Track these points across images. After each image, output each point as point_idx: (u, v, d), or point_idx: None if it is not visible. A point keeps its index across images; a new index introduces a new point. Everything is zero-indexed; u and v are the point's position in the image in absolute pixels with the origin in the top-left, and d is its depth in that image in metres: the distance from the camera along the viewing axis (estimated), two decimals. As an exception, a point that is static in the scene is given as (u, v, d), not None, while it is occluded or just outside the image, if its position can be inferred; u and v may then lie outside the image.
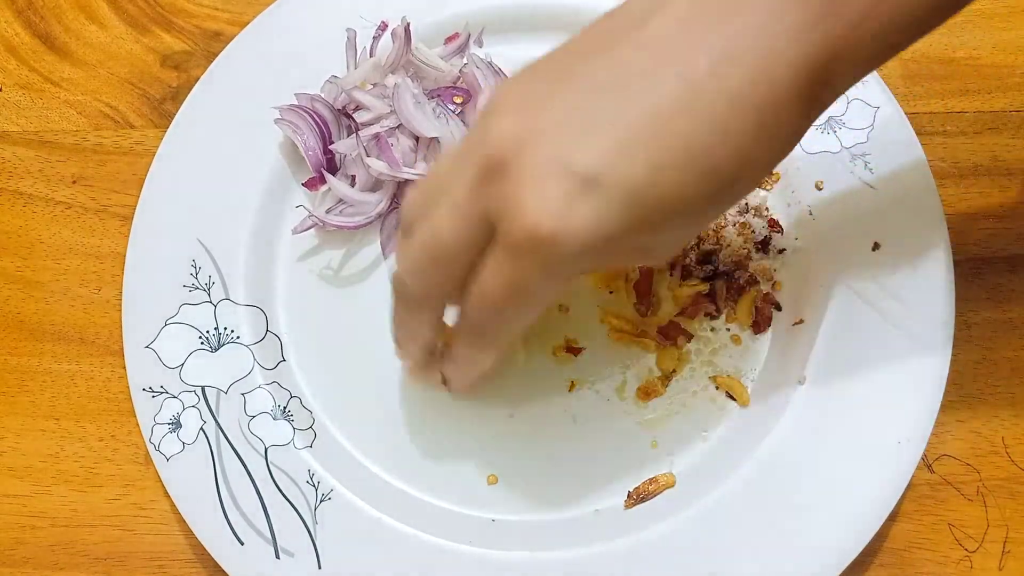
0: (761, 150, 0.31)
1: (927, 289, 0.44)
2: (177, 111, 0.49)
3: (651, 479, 0.44)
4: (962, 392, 0.47)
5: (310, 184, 0.48)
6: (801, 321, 0.46)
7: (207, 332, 0.46)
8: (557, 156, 0.30)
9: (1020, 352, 0.47)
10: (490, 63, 0.50)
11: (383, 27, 0.50)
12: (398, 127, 0.48)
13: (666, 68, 0.30)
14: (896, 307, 0.44)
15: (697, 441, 0.45)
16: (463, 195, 0.32)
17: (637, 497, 0.44)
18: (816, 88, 0.31)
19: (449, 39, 0.51)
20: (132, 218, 0.47)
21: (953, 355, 0.43)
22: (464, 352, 0.38)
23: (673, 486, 0.44)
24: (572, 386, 0.46)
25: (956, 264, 0.44)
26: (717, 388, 0.46)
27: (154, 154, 0.48)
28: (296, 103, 0.48)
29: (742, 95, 0.29)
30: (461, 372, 0.41)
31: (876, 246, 0.45)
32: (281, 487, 0.43)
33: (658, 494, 0.44)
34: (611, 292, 0.48)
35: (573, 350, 0.47)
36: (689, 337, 0.46)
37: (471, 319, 0.35)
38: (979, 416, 0.47)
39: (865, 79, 0.48)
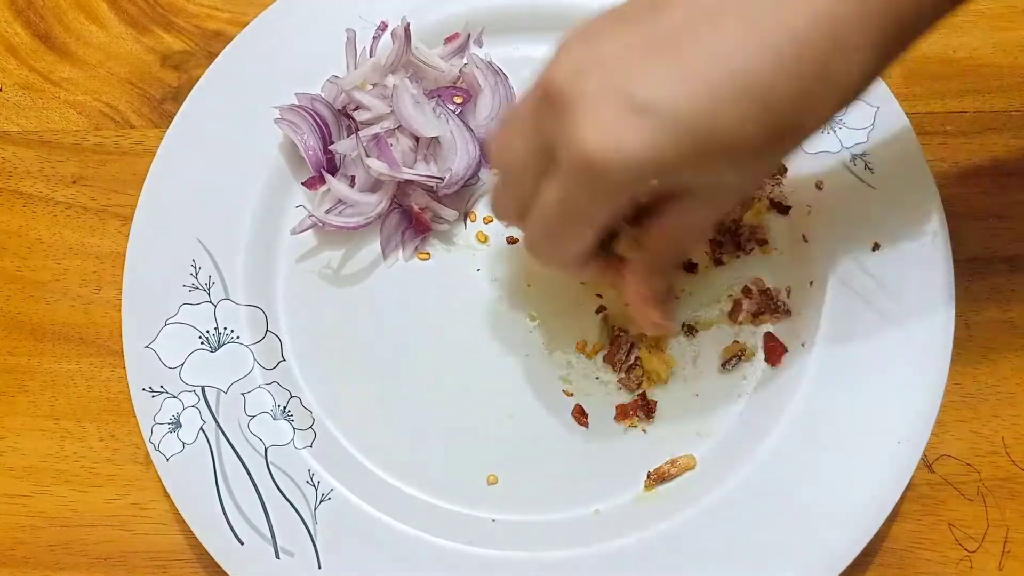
0: (826, 91, 0.31)
1: (927, 289, 0.44)
2: (177, 111, 0.49)
3: (672, 460, 0.44)
4: (962, 392, 0.47)
5: (310, 184, 0.48)
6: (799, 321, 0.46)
7: (207, 332, 0.46)
8: (613, 83, 0.30)
9: (1020, 352, 0.47)
10: (490, 63, 0.50)
11: (383, 27, 0.50)
12: (398, 127, 0.48)
13: (729, 9, 0.30)
14: (896, 307, 0.44)
15: (697, 441, 0.45)
16: (527, 121, 0.34)
17: (657, 478, 0.44)
18: (887, 29, 0.30)
19: (449, 39, 0.51)
20: (132, 218, 0.47)
21: (953, 355, 0.43)
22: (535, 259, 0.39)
23: (694, 468, 0.44)
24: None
25: (956, 264, 0.44)
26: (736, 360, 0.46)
27: (154, 154, 0.48)
28: (296, 103, 0.48)
29: (807, 32, 0.29)
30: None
31: (876, 246, 0.45)
32: (281, 487, 0.43)
33: (678, 476, 0.44)
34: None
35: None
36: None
37: (527, 236, 0.37)
38: (979, 416, 0.47)
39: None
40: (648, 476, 0.44)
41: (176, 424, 0.44)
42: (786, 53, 0.29)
